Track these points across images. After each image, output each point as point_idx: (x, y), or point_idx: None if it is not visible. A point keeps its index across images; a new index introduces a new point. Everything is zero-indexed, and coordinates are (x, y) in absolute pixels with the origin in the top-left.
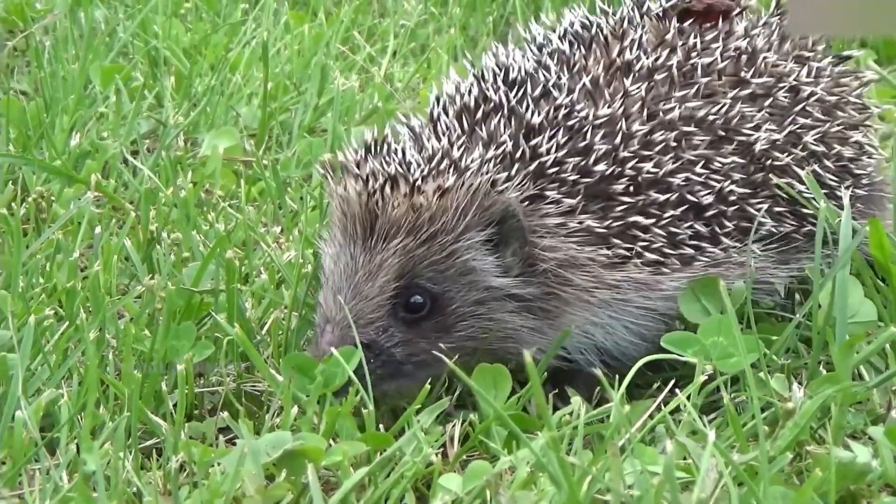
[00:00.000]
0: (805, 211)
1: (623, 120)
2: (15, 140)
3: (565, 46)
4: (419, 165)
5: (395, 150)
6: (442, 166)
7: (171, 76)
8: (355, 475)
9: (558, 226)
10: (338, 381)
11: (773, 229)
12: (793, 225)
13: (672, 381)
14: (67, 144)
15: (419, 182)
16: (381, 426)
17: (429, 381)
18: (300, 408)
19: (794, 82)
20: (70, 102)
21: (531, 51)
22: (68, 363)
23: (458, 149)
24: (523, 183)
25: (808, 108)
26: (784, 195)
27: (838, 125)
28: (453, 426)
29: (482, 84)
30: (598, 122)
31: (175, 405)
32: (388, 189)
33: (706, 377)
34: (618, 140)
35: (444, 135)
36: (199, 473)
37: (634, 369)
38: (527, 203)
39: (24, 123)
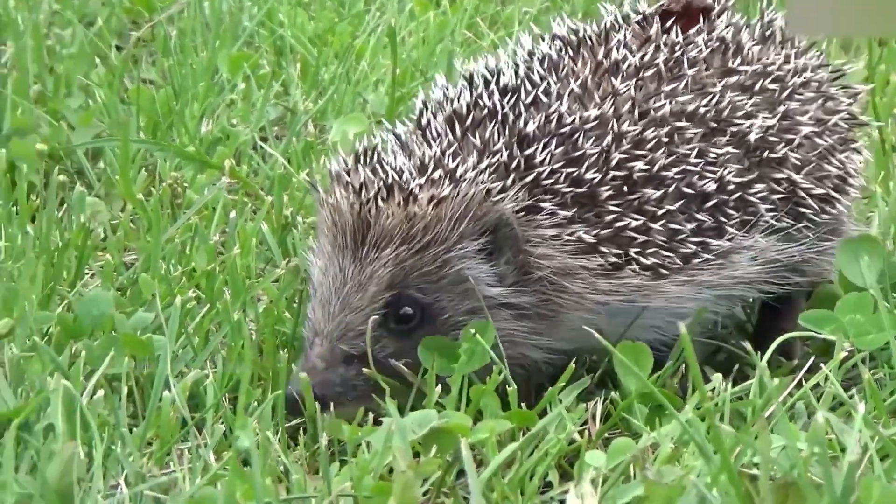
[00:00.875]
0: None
1: (614, 120)
2: (145, 128)
3: (553, 52)
4: (412, 174)
5: (385, 158)
6: (436, 175)
7: (297, 64)
8: (503, 452)
9: (552, 237)
10: None
11: (774, 222)
12: (791, 215)
13: (811, 360)
14: (198, 131)
15: (414, 191)
16: (522, 405)
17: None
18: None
19: (780, 72)
20: (200, 90)
21: (522, 57)
22: (212, 344)
23: (452, 157)
24: (518, 194)
25: (796, 94)
26: (783, 185)
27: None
28: (595, 404)
29: (472, 90)
30: (588, 125)
31: None
32: (381, 198)
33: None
34: (608, 141)
35: (434, 142)
36: (348, 451)
37: (773, 346)
38: (522, 214)
39: (154, 112)
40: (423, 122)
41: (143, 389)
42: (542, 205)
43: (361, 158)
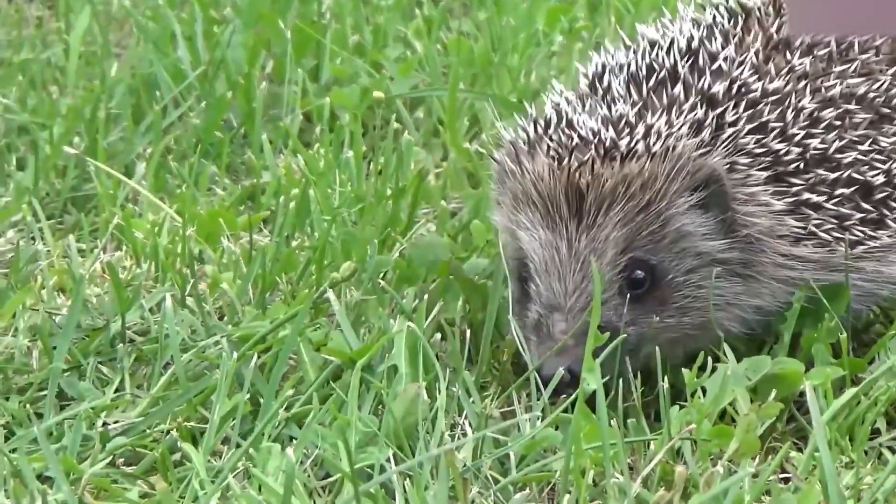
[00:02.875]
0: None
1: (792, 95)
2: (463, 79)
3: (723, 20)
4: (613, 134)
5: (573, 120)
6: (638, 131)
7: (611, 17)
8: (842, 396)
9: (751, 196)
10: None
11: None
12: None
13: None
14: (518, 82)
15: (632, 148)
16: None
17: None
18: None
19: None
20: (520, 41)
21: (687, 27)
22: None
23: (641, 116)
24: (719, 151)
25: None
26: None
27: None
28: None
29: (646, 54)
30: (771, 98)
31: None
32: (594, 160)
33: None
34: (788, 116)
35: (618, 102)
36: (687, 395)
37: None
38: (729, 170)
39: (472, 63)
40: (602, 85)
41: (476, 334)
42: (740, 166)
43: (547, 125)
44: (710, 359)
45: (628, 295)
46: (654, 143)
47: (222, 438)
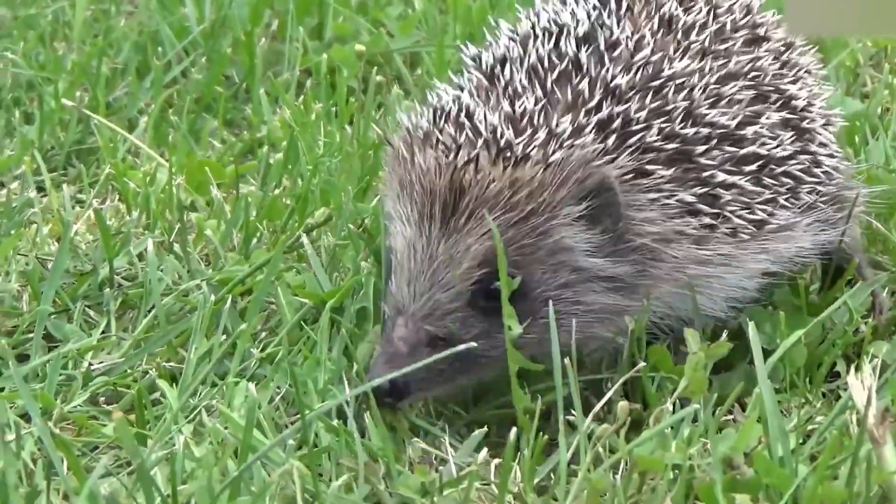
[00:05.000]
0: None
1: (696, 74)
2: (461, 36)
3: (612, 5)
4: (510, 134)
5: (471, 113)
6: (537, 134)
7: None
8: (790, 337)
9: (654, 199)
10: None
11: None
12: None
13: None
14: None
15: (525, 153)
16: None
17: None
18: None
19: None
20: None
21: (582, 5)
22: None
23: (544, 114)
24: (622, 154)
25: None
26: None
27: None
28: (881, 300)
29: (545, 39)
30: (678, 80)
31: None
32: (481, 161)
33: None
34: (694, 95)
35: (521, 96)
36: None
37: None
38: (630, 175)
39: (470, 21)
40: (500, 74)
41: None
42: (645, 167)
43: (445, 115)
44: None
45: (483, 306)
46: (552, 149)
47: (201, 378)
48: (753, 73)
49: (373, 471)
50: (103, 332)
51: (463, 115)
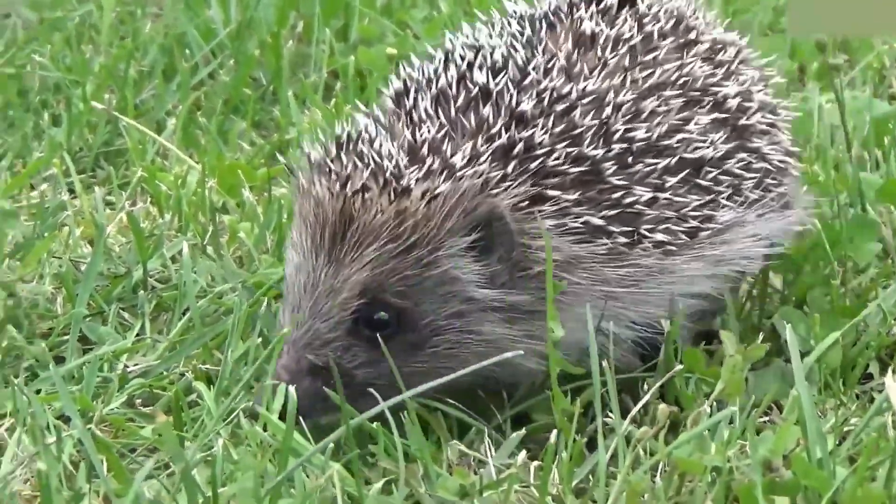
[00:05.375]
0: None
1: (611, 91)
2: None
3: (526, 28)
4: (403, 163)
5: (372, 144)
6: (433, 165)
7: None
8: (827, 339)
9: (556, 225)
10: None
11: (751, 194)
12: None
13: None
14: None
15: (407, 184)
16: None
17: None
18: None
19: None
20: None
21: (497, 32)
22: None
23: (444, 142)
24: (520, 181)
25: (740, 63)
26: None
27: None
28: None
29: (457, 66)
30: (585, 99)
31: None
32: (369, 191)
33: None
34: (607, 112)
35: (423, 124)
36: None
37: None
38: (526, 203)
39: None
40: (407, 102)
41: None
42: (547, 192)
43: (345, 144)
44: None
45: (367, 336)
46: (441, 180)
47: (237, 380)
48: (683, 80)
49: (412, 473)
50: (138, 335)
51: (363, 144)
